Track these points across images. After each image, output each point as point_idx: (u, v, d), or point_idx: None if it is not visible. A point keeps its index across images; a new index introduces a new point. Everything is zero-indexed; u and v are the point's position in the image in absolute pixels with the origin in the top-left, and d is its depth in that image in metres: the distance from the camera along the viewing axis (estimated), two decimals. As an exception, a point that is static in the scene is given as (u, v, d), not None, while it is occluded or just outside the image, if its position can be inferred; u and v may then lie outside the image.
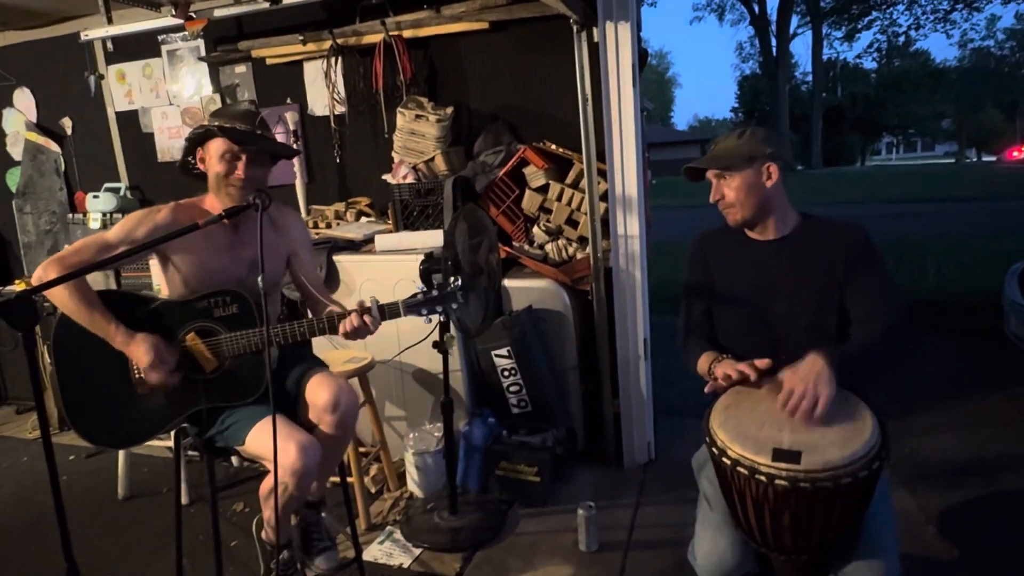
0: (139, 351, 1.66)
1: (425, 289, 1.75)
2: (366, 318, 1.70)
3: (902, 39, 32.50)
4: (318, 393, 1.79)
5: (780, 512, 1.26)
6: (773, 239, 1.64)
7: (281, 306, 2.15)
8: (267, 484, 1.81)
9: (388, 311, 1.73)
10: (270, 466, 1.69)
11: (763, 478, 1.23)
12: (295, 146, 3.37)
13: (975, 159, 39.34)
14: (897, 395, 3.49)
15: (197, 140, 1.79)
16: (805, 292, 1.57)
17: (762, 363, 1.47)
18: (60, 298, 1.65)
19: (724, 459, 1.30)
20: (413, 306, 1.73)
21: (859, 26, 30.89)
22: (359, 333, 1.71)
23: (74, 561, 1.35)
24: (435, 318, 1.78)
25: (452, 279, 1.77)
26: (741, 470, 1.26)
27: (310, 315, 1.93)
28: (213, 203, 1.82)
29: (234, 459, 2.84)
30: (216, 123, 1.75)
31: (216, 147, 1.76)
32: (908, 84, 34.54)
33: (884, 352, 1.46)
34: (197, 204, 1.85)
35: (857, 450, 1.23)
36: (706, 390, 1.55)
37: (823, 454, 1.22)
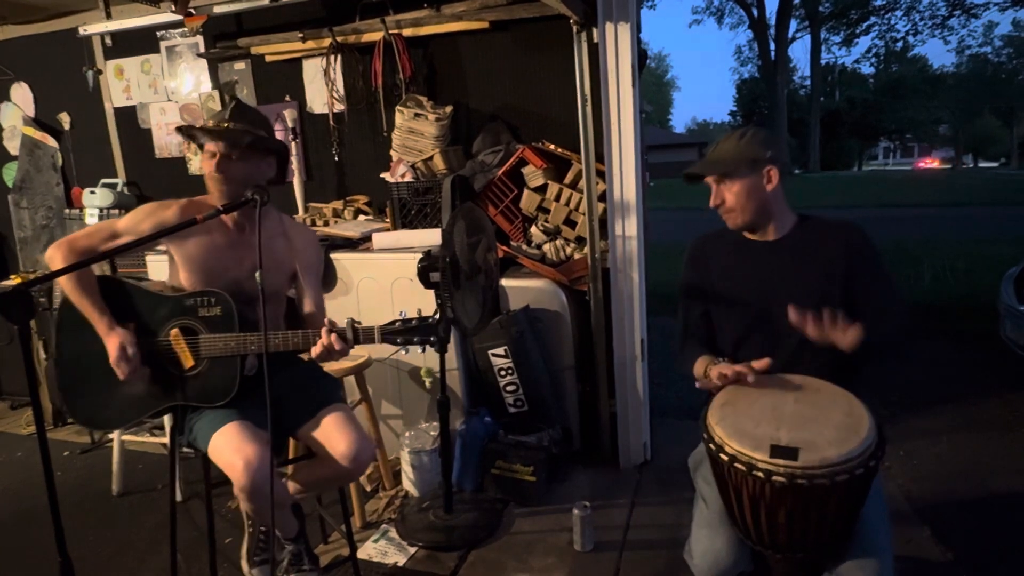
0: (111, 344, 1.70)
1: (406, 316, 1.67)
2: (332, 337, 1.64)
3: (900, 45, 32.69)
4: (337, 439, 1.76)
5: (776, 509, 1.27)
6: (772, 240, 1.64)
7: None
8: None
9: (362, 335, 1.66)
10: (228, 475, 1.66)
11: (760, 474, 1.24)
12: (294, 143, 3.37)
13: (972, 165, 39.52)
14: (892, 399, 3.50)
15: (190, 139, 1.82)
16: (805, 292, 1.58)
17: (760, 364, 1.47)
18: (62, 279, 1.70)
19: (721, 455, 1.30)
20: (389, 334, 1.65)
21: (857, 31, 31.06)
22: (330, 355, 1.65)
23: (68, 556, 1.34)
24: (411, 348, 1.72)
25: (434, 311, 1.72)
26: (738, 466, 1.27)
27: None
28: (216, 201, 1.80)
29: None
30: (200, 123, 1.77)
31: (206, 146, 1.78)
32: (906, 89, 34.75)
33: (894, 348, 1.48)
34: (206, 202, 1.83)
35: (854, 448, 1.23)
36: (697, 385, 1.55)
37: (820, 451, 1.23)
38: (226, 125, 1.74)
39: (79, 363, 1.79)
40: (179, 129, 1.77)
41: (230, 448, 1.64)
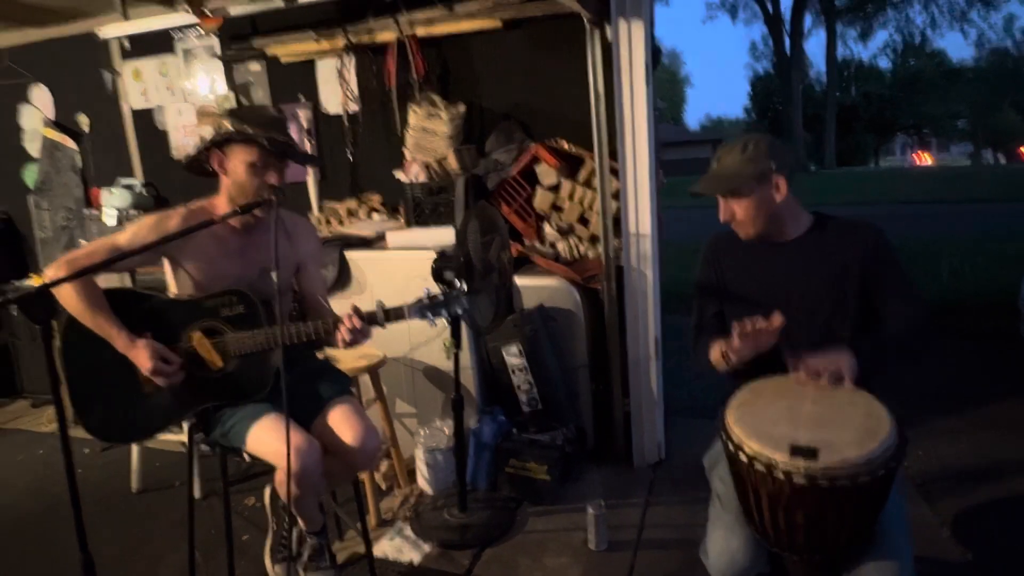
0: (141, 356, 1.68)
1: (431, 292, 1.73)
2: (355, 320, 1.68)
3: (918, 38, 32.20)
4: (344, 429, 1.79)
5: (795, 510, 1.26)
6: (787, 241, 1.63)
7: (292, 304, 2.16)
8: (277, 478, 1.84)
9: (393, 314, 1.72)
10: (274, 463, 1.72)
11: (780, 475, 1.22)
12: (309, 144, 3.39)
13: (991, 160, 38.94)
14: (911, 398, 3.45)
15: (224, 142, 1.73)
16: (820, 293, 1.56)
17: (776, 320, 1.45)
18: (67, 299, 1.66)
19: (740, 455, 1.29)
20: (418, 309, 1.72)
21: (874, 25, 30.64)
22: (355, 339, 1.70)
23: (89, 552, 1.36)
24: (440, 321, 1.77)
25: (458, 282, 1.76)
26: (758, 466, 1.26)
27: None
28: (225, 207, 1.79)
29: (246, 454, 2.86)
30: (251, 130, 1.69)
31: (244, 154, 1.71)
32: (923, 84, 34.24)
33: (913, 347, 1.46)
34: (208, 208, 1.83)
35: (875, 448, 1.22)
36: (720, 370, 1.54)
37: (841, 452, 1.21)
38: (284, 140, 1.75)
39: (94, 383, 1.77)
40: (273, 143, 1.69)
41: (277, 436, 1.66)
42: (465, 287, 1.74)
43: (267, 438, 1.70)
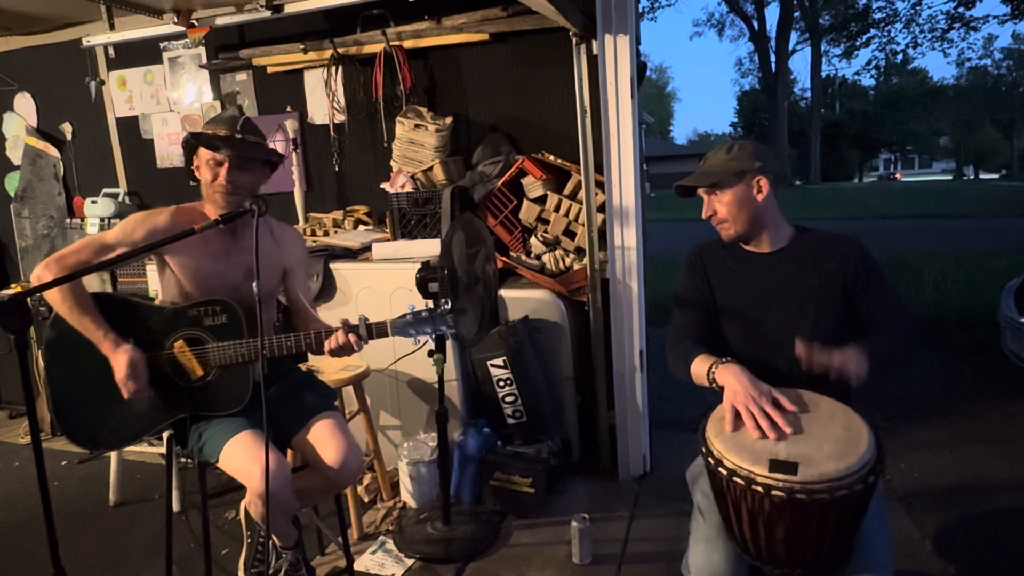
0: (119, 362, 1.67)
1: (416, 310, 1.73)
2: (351, 336, 1.69)
3: (900, 57, 32.84)
4: (326, 446, 1.77)
5: (775, 524, 1.26)
6: (769, 252, 1.65)
7: (277, 314, 2.14)
8: (246, 497, 1.81)
9: (376, 330, 1.72)
10: (243, 482, 1.69)
11: (759, 489, 1.23)
12: (294, 153, 3.38)
13: (973, 176, 39.64)
14: (894, 411, 3.48)
15: (189, 150, 1.80)
16: (804, 304, 1.58)
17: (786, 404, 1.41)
18: (55, 299, 1.67)
19: (720, 469, 1.29)
20: (401, 327, 1.71)
21: (857, 43, 31.20)
22: (344, 351, 1.71)
23: (62, 567, 1.34)
24: (423, 339, 1.77)
25: (443, 301, 1.76)
26: (737, 480, 1.26)
27: (296, 328, 1.93)
28: (211, 208, 1.82)
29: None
30: (201, 128, 1.77)
31: (203, 154, 1.77)
32: (906, 101, 34.94)
33: (900, 359, 1.48)
34: (197, 208, 1.86)
35: (853, 463, 1.22)
36: (706, 387, 1.54)
37: (819, 466, 1.22)
38: (239, 136, 1.76)
39: (74, 385, 1.75)
40: (195, 136, 1.75)
41: (247, 456, 1.65)
42: (449, 305, 1.73)
43: (238, 456, 1.68)
